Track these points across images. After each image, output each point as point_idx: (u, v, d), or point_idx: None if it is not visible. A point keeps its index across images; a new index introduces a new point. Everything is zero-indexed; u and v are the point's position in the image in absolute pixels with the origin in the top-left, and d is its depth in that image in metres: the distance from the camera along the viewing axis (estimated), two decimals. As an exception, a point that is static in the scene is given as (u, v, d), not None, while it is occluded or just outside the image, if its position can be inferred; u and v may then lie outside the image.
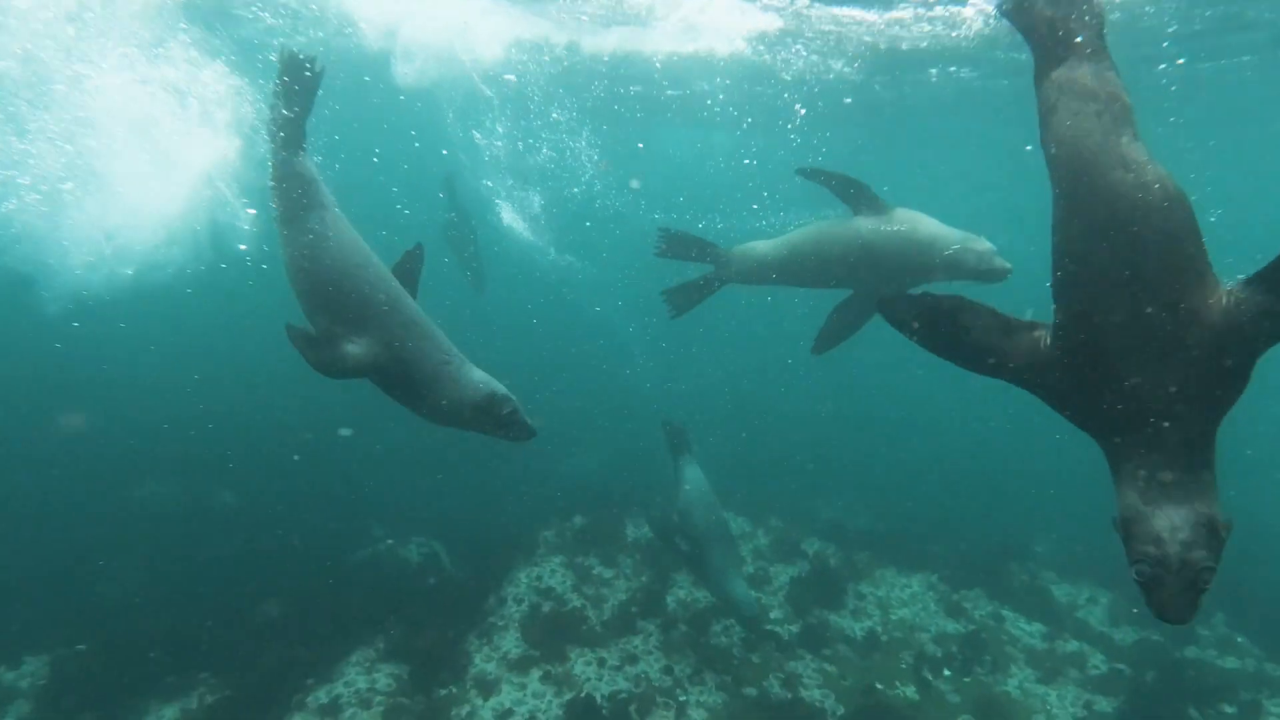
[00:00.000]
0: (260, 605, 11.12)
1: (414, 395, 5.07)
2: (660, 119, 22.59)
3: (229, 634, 10.39)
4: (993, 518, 19.27)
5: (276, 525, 14.78)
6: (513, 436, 5.01)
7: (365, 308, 5.03)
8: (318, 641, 10.19)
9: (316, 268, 5.21)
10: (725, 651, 10.62)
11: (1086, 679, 10.85)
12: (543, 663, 9.96)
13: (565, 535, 13.48)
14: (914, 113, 19.53)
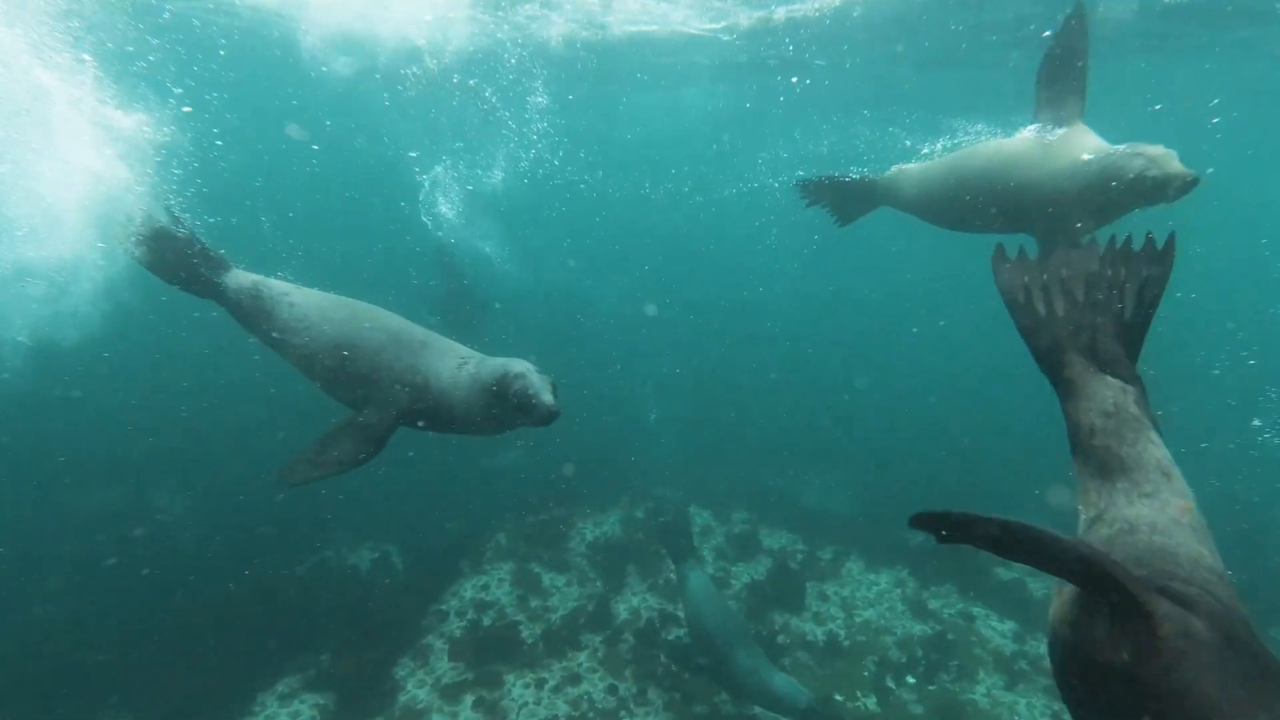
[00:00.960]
0: (184, 627, 10.52)
1: (448, 414, 4.81)
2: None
3: (142, 659, 9.77)
4: (978, 489, 18.78)
5: (224, 534, 14.23)
6: (533, 420, 4.43)
7: (373, 362, 4.95)
8: (239, 667, 9.59)
9: (315, 357, 5.13)
10: (675, 667, 10.02)
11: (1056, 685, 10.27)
12: (477, 687, 9.37)
13: (517, 538, 12.86)
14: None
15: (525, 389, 4.38)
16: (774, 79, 18.84)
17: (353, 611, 10.88)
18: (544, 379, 4.49)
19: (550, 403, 4.33)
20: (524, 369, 4.52)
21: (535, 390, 4.37)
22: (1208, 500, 2.51)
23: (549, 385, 4.46)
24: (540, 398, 4.33)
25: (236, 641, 10.04)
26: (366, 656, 9.75)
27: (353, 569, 12.63)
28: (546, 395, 4.35)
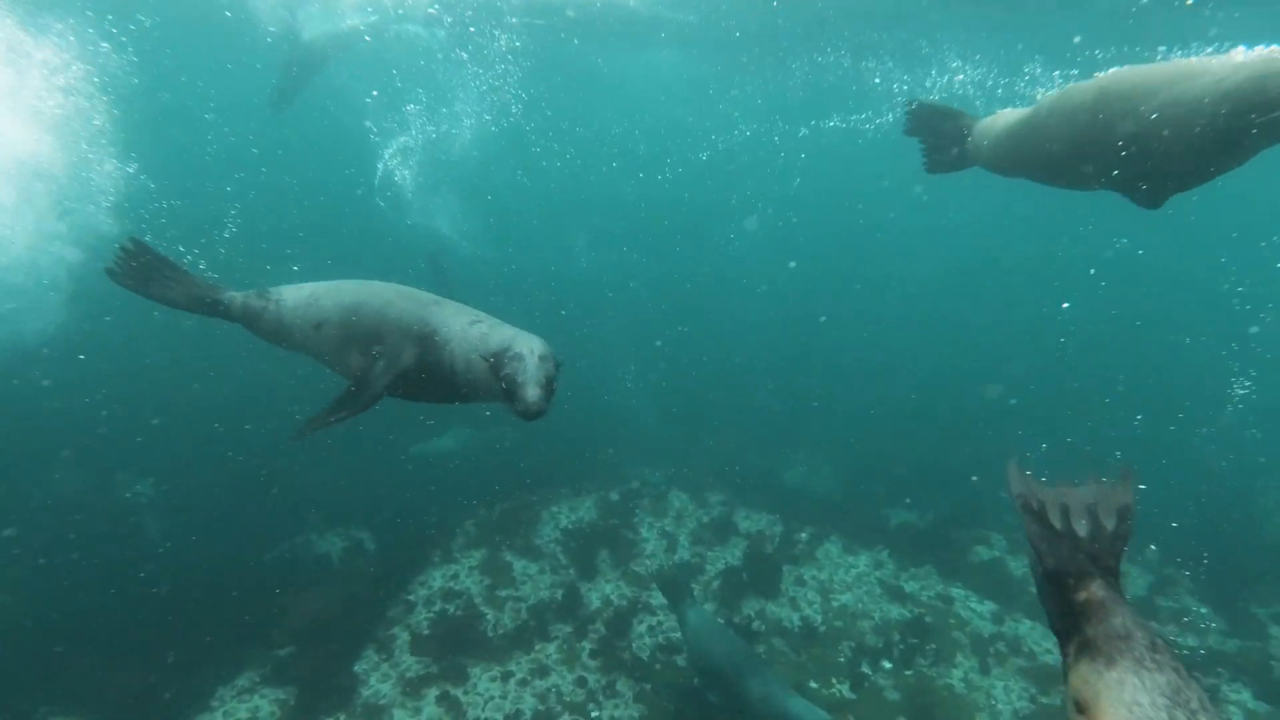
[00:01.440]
0: (143, 617, 10.22)
1: (449, 370, 4.46)
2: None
3: (97, 651, 9.47)
4: (960, 464, 18.64)
5: (193, 520, 13.93)
6: (515, 410, 3.98)
7: (382, 314, 4.75)
8: (198, 660, 9.31)
9: (324, 325, 5.00)
10: (645, 657, 9.82)
11: (1035, 666, 10.14)
12: (442, 681, 9.13)
13: (489, 524, 12.59)
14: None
15: (514, 374, 3.95)
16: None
17: (318, 602, 10.59)
18: (543, 368, 4.01)
19: (532, 400, 3.87)
20: (526, 351, 4.08)
21: (523, 381, 3.91)
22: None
23: (545, 379, 3.97)
24: (524, 390, 3.89)
25: (197, 633, 9.77)
26: (329, 649, 9.50)
27: (322, 557, 12.34)
28: (533, 390, 3.89)
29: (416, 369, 4.47)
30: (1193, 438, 23.34)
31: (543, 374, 3.96)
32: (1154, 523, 14.44)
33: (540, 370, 3.96)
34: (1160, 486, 18.20)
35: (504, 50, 17.72)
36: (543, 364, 4.01)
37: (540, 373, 3.95)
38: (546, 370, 4.00)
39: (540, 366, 3.98)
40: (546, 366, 4.01)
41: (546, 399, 3.90)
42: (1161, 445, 22.56)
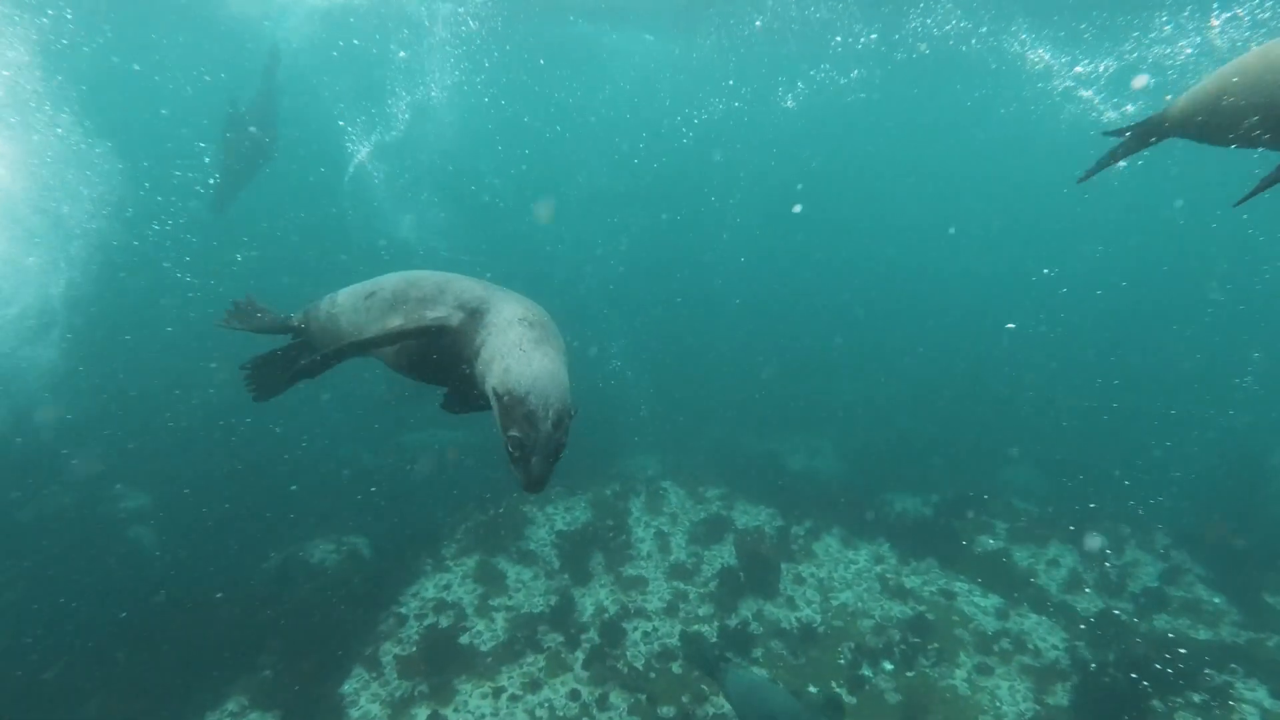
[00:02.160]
0: (125, 640, 10.07)
1: (485, 355, 3.90)
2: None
3: (76, 677, 9.32)
4: (964, 445, 18.31)
5: (189, 532, 13.82)
6: (513, 470, 3.44)
7: (440, 282, 4.38)
8: (181, 684, 9.15)
9: (376, 294, 4.61)
10: (640, 665, 9.60)
11: (1041, 665, 9.86)
12: (431, 700, 8.95)
13: (483, 528, 12.36)
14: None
15: (522, 438, 3.35)
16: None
17: (306, 618, 10.42)
18: (554, 439, 3.38)
19: (534, 477, 3.33)
20: (541, 411, 3.40)
21: (528, 451, 3.35)
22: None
23: (554, 450, 3.39)
24: (526, 466, 3.35)
25: (187, 656, 9.62)
26: (317, 669, 9.33)
27: (315, 568, 12.15)
28: (537, 466, 3.34)
29: (449, 340, 4.02)
30: (1206, 411, 22.88)
31: (553, 446, 3.37)
32: (1166, 502, 14.09)
33: (551, 443, 3.36)
34: (1173, 464, 17.80)
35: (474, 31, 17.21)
36: (555, 433, 3.38)
37: (550, 445, 3.36)
38: (558, 441, 3.40)
39: (552, 438, 3.36)
40: (559, 436, 3.40)
41: (549, 471, 3.38)
42: (1173, 420, 22.11)
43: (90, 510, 14.31)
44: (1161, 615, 10.84)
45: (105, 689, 8.80)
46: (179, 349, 19.31)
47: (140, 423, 17.27)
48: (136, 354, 19.87)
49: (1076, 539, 12.59)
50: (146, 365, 19.31)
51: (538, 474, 3.33)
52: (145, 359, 19.58)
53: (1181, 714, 8.89)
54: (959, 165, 43.70)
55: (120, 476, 15.60)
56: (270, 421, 16.68)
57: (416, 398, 17.36)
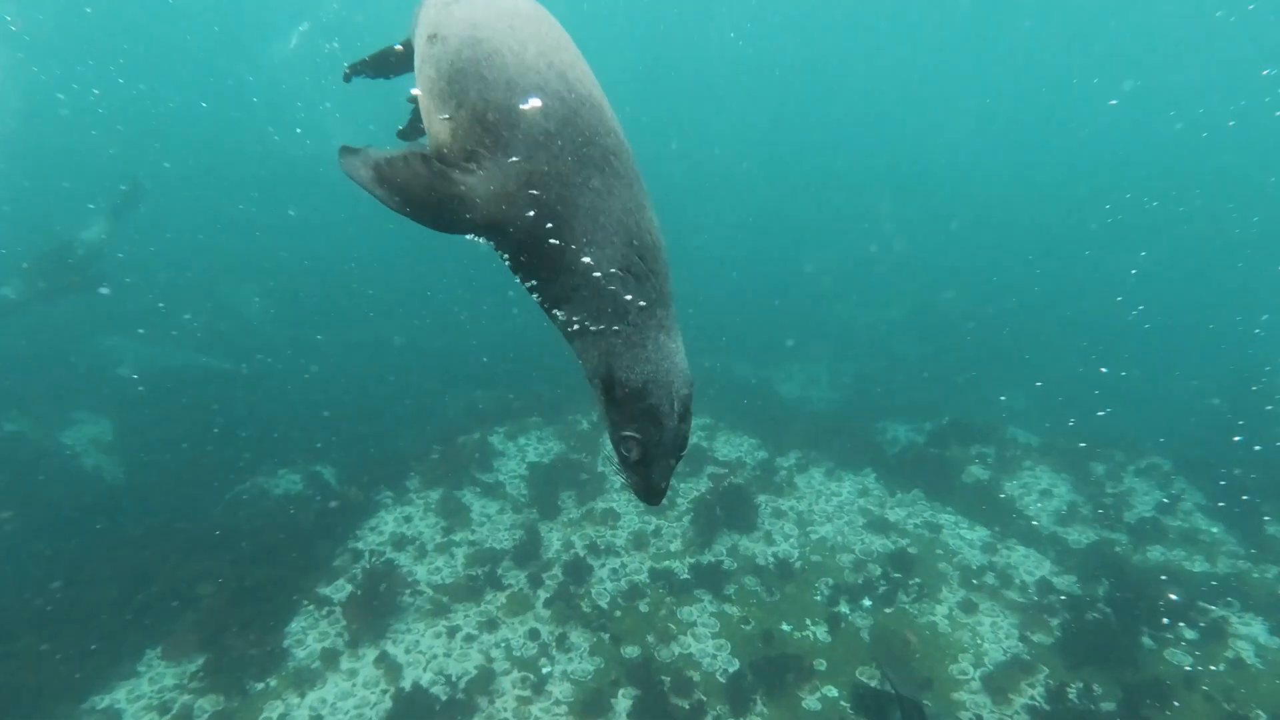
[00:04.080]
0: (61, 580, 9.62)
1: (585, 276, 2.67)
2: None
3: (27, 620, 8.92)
4: (965, 370, 17.70)
5: (152, 461, 13.37)
6: (624, 479, 2.71)
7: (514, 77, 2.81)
8: (113, 624, 8.71)
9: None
10: (604, 604, 9.14)
11: (1027, 600, 9.38)
12: (383, 640, 8.51)
13: (450, 458, 11.81)
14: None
15: (634, 441, 2.56)
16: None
17: (257, 551, 9.95)
18: (680, 435, 2.59)
19: (649, 486, 2.60)
20: (666, 405, 2.56)
21: (642, 454, 2.56)
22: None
23: (680, 444, 2.61)
24: (639, 473, 2.59)
25: (119, 590, 9.18)
26: (264, 607, 8.89)
27: (275, 501, 11.68)
28: (653, 475, 2.58)
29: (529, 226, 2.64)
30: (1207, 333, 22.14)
31: (679, 444, 2.62)
32: (1164, 426, 13.49)
33: (678, 440, 2.61)
34: (1174, 387, 17.16)
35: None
36: (682, 426, 2.62)
37: (677, 443, 2.61)
38: (683, 435, 2.64)
39: (679, 434, 2.60)
40: (684, 428, 2.65)
41: (671, 475, 2.68)
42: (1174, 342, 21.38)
43: (46, 437, 13.85)
44: (1156, 547, 10.32)
45: (35, 628, 8.36)
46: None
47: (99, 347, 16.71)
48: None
49: (1071, 467, 12.03)
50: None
51: (659, 482, 2.59)
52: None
53: (1172, 650, 8.43)
54: (943, 64, 41.94)
55: (81, 403, 15.12)
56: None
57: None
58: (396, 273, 25.35)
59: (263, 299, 22.07)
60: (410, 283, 24.50)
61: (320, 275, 24.24)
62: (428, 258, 24.36)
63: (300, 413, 14.77)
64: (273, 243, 25.83)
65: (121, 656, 8.33)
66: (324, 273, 24.62)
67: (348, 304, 22.32)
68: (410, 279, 24.78)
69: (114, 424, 14.71)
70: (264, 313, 21.36)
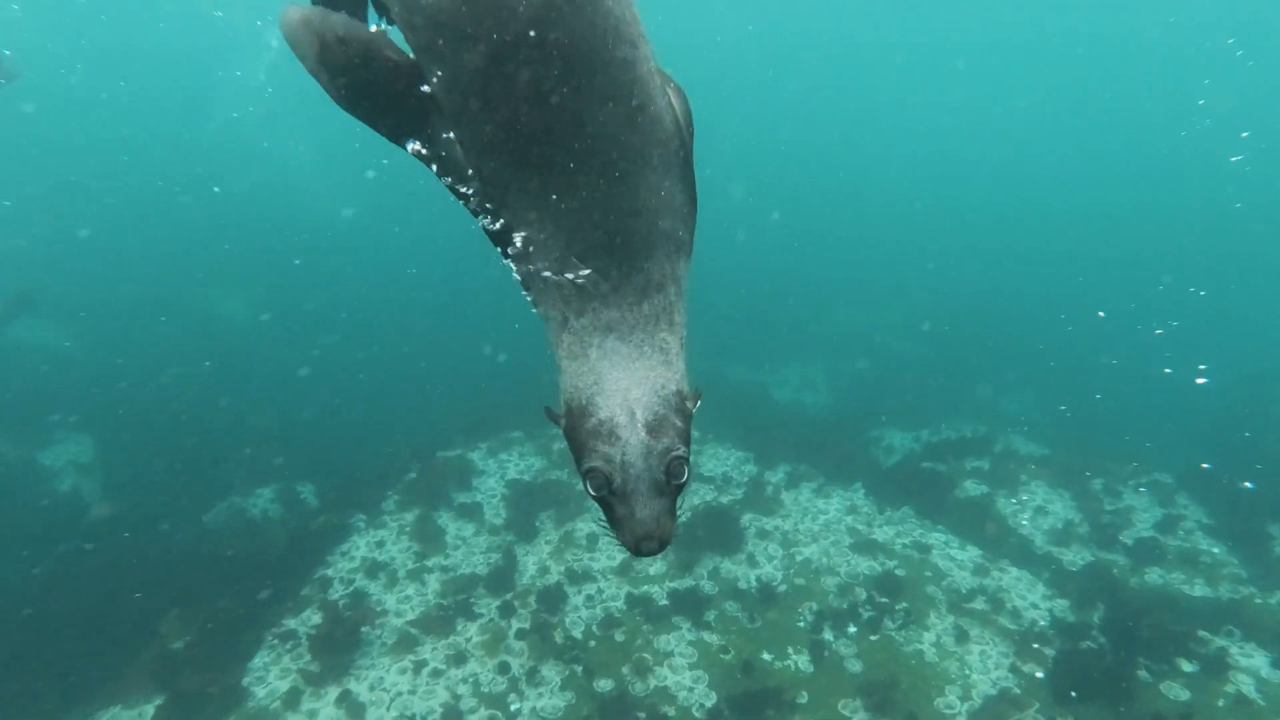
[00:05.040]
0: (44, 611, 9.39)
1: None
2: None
3: None
4: (964, 377, 17.27)
5: (125, 483, 13.16)
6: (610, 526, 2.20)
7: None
8: (87, 665, 8.48)
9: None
10: (579, 634, 8.83)
11: (1019, 628, 9.01)
12: (346, 676, 8.23)
13: (428, 476, 11.53)
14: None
15: (596, 473, 2.10)
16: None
17: (227, 579, 9.68)
18: (657, 461, 2.08)
19: (633, 532, 2.06)
20: (626, 426, 2.10)
21: (610, 494, 2.11)
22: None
23: (661, 476, 2.07)
24: (625, 525, 2.08)
25: (84, 620, 8.95)
26: (229, 639, 8.64)
27: (249, 523, 11.44)
28: (636, 517, 2.09)
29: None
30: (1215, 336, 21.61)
31: (660, 471, 2.07)
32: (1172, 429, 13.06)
33: (655, 463, 2.07)
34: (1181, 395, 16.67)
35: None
36: (656, 442, 2.09)
37: (655, 469, 2.06)
38: (669, 459, 2.09)
39: (652, 454, 2.07)
40: (666, 446, 2.10)
41: (668, 517, 2.09)
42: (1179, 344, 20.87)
43: (24, 457, 13.65)
44: (1155, 569, 9.92)
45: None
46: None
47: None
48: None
49: (1070, 481, 11.63)
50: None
51: (646, 522, 2.01)
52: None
53: (1169, 684, 8.05)
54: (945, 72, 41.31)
55: (63, 419, 14.90)
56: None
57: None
58: (392, 276, 25.09)
59: (251, 306, 21.83)
60: (407, 285, 24.27)
61: (312, 282, 23.98)
62: (423, 258, 24.10)
63: (283, 426, 14.52)
64: (263, 246, 25.56)
65: (75, 701, 8.08)
66: (316, 279, 24.36)
67: (340, 311, 22.06)
68: (407, 281, 24.56)
69: (95, 441, 14.50)
70: (251, 320, 21.12)
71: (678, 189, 2.34)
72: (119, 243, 23.14)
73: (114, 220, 25.52)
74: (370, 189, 30.51)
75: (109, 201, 27.62)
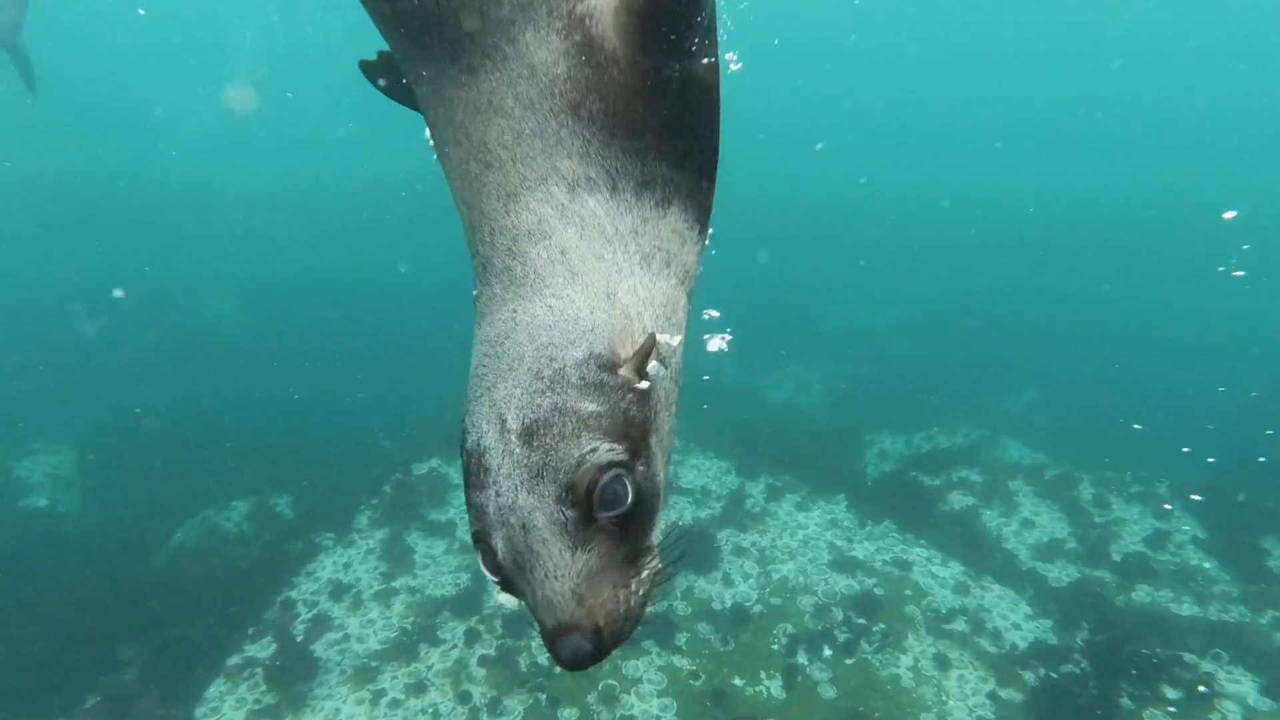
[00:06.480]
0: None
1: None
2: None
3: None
4: (963, 379, 16.95)
5: (102, 497, 13.06)
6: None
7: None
8: (31, 687, 8.33)
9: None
10: (545, 660, 8.59)
11: (999, 651, 8.71)
12: (302, 707, 8.03)
13: (403, 492, 11.30)
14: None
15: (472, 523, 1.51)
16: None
17: (190, 603, 9.51)
18: (523, 467, 1.43)
19: (544, 632, 1.44)
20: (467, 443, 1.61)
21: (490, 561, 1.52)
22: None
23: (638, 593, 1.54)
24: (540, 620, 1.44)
25: (42, 653, 8.80)
26: (184, 666, 8.46)
27: (219, 539, 11.28)
28: (537, 606, 1.42)
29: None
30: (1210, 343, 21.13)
31: (556, 500, 1.42)
32: (1164, 447, 12.70)
33: (540, 505, 1.43)
34: (1173, 402, 16.28)
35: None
36: (530, 454, 1.45)
37: (542, 510, 1.43)
38: (569, 483, 1.42)
39: (546, 488, 1.43)
40: (563, 455, 1.45)
41: (601, 584, 1.47)
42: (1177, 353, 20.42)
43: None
44: (1143, 586, 9.58)
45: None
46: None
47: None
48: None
49: (1059, 491, 11.29)
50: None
51: (551, 607, 1.35)
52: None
53: (1152, 711, 7.74)
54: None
55: (43, 430, 14.78)
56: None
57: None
58: (386, 281, 24.88)
59: (239, 313, 21.67)
60: (401, 290, 24.05)
61: (298, 288, 23.80)
62: (407, 263, 23.85)
63: (261, 440, 14.33)
64: (247, 255, 25.44)
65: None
66: (303, 285, 24.18)
67: (329, 316, 21.86)
68: (401, 284, 24.34)
69: (75, 452, 14.38)
70: (239, 327, 20.96)
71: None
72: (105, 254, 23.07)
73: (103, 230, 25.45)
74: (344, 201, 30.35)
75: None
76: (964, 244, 29.63)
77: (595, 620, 1.34)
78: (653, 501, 1.50)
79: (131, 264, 22.37)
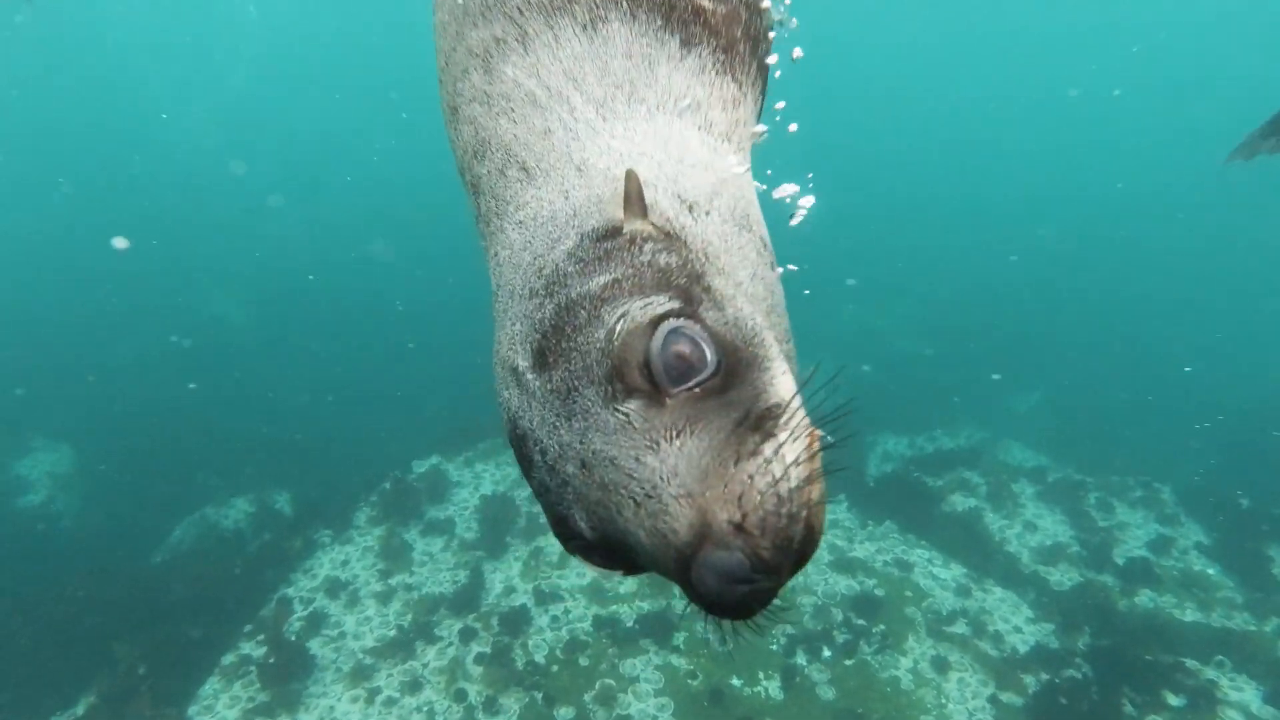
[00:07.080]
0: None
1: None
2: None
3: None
4: (969, 379, 16.82)
5: (102, 494, 12.99)
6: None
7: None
8: (29, 683, 8.29)
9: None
10: (541, 658, 8.54)
11: (1001, 654, 8.63)
12: (297, 705, 7.98)
13: (402, 490, 11.24)
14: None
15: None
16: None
17: (186, 601, 9.46)
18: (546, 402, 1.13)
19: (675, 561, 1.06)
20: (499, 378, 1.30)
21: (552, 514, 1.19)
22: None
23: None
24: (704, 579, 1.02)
25: (41, 642, 8.76)
26: (181, 663, 8.43)
27: (218, 537, 11.24)
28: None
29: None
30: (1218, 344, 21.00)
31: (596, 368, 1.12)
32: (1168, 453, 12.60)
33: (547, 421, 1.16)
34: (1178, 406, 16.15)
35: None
36: (544, 379, 1.15)
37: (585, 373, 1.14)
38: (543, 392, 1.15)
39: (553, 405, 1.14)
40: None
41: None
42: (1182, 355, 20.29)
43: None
44: (1146, 591, 9.49)
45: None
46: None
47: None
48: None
49: (1063, 494, 11.20)
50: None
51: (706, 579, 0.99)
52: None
53: (1153, 717, 7.66)
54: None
55: (43, 428, 14.75)
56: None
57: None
58: (375, 288, 24.81)
59: (239, 311, 21.61)
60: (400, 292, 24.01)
61: (299, 286, 23.75)
62: (408, 265, 23.82)
63: (262, 437, 14.26)
64: (254, 247, 25.39)
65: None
66: (304, 283, 24.12)
67: (324, 322, 21.76)
68: (392, 289, 24.29)
69: (74, 451, 14.32)
70: (240, 325, 20.91)
71: None
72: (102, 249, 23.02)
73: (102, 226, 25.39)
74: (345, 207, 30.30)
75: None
76: (969, 244, 29.47)
77: (728, 513, 0.90)
78: (748, 350, 1.11)
79: (132, 261, 22.37)
